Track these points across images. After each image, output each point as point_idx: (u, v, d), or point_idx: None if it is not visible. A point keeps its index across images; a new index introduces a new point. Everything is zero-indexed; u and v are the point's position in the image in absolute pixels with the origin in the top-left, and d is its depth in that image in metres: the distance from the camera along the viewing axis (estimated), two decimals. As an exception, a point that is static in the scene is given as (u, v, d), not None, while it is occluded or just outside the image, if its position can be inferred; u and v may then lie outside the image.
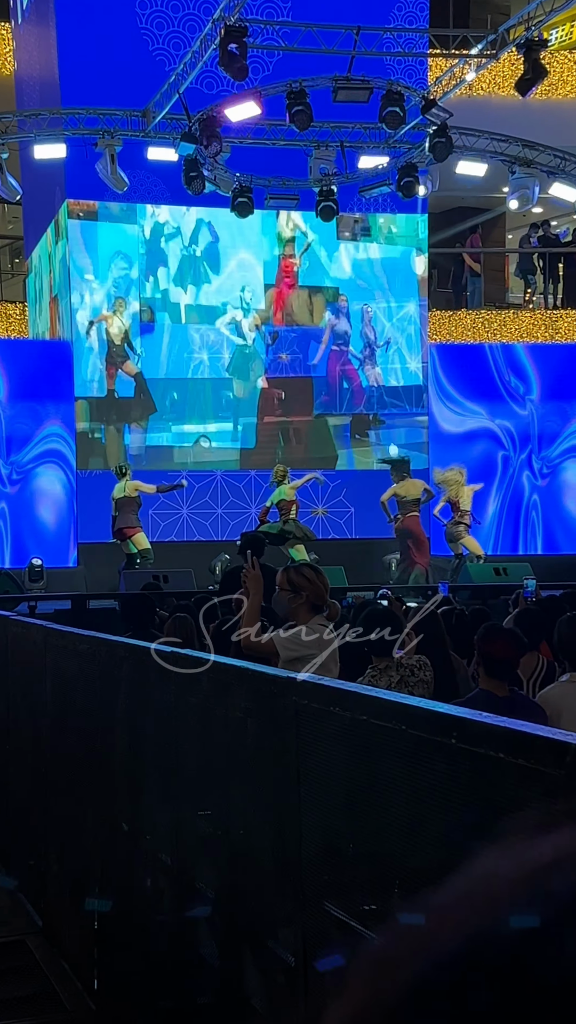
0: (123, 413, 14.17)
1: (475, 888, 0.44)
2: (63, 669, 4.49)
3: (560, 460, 15.49)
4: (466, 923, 0.42)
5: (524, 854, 0.43)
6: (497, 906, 0.42)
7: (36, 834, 4.85)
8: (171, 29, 13.98)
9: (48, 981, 4.08)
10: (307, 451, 14.73)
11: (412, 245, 15.19)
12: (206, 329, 14.38)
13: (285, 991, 2.54)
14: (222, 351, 14.46)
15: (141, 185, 13.76)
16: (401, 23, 14.15)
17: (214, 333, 14.39)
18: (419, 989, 0.41)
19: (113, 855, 3.78)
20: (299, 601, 4.07)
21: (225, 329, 14.48)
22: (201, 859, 3.17)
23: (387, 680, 4.30)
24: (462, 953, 0.41)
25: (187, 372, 14.34)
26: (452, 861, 1.82)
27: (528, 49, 10.80)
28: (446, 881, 0.45)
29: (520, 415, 15.38)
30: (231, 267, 14.58)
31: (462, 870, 0.45)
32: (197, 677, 2.98)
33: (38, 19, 14.94)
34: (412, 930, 0.43)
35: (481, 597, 10.65)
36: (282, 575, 4.17)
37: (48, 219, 14.88)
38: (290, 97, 11.23)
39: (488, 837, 1.55)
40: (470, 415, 15.28)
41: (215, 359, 14.47)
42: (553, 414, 15.39)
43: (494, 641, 3.86)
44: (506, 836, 0.46)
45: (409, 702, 2.04)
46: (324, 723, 2.26)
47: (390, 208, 14.82)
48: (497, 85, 16.47)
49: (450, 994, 0.41)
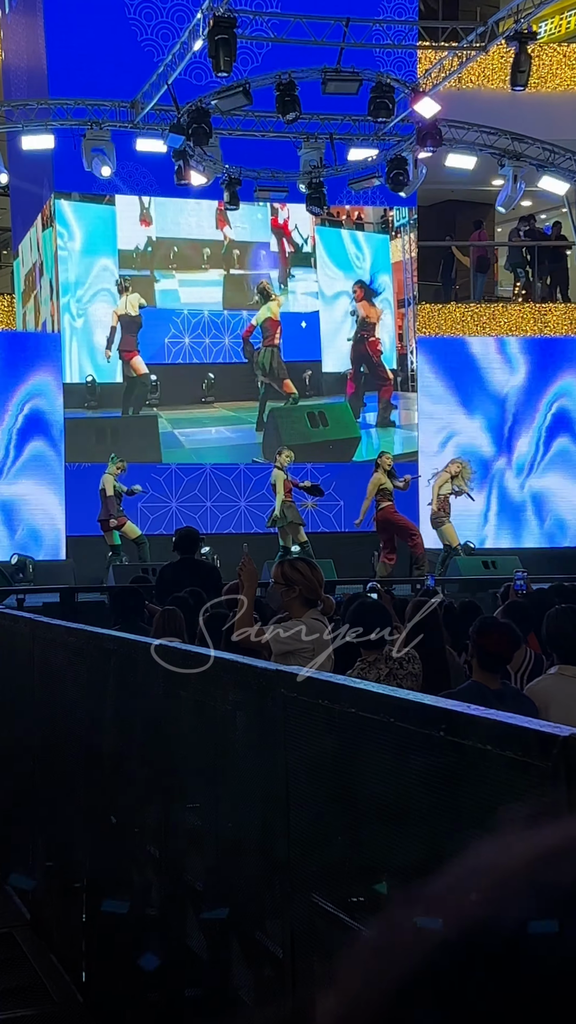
0: (130, 399, 14.11)
1: (467, 879, 0.44)
2: (51, 662, 4.48)
3: (546, 454, 15.54)
4: (458, 914, 0.42)
5: (516, 845, 0.43)
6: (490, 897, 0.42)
7: (24, 827, 4.84)
8: (159, 20, 13.91)
9: (36, 974, 4.08)
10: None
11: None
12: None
13: (273, 983, 2.54)
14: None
15: (130, 176, 13.71)
16: (391, 15, 14.12)
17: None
18: (411, 979, 0.42)
19: (102, 848, 3.78)
20: (292, 595, 4.10)
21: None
22: (190, 852, 3.17)
23: (376, 673, 4.31)
24: (454, 943, 0.41)
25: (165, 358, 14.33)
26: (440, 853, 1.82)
27: (518, 42, 10.79)
28: (436, 872, 0.45)
29: (507, 407, 15.41)
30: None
31: (454, 861, 0.45)
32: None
33: (26, 9, 14.85)
34: (404, 920, 0.43)
35: (470, 590, 10.69)
36: (276, 569, 4.19)
37: (36, 210, 14.81)
38: (279, 89, 11.20)
39: (477, 829, 1.56)
40: (455, 406, 15.31)
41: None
42: (536, 406, 15.44)
43: (489, 634, 3.86)
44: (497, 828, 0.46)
45: (397, 695, 2.05)
46: (313, 716, 2.26)
47: (379, 201, 14.81)
48: (486, 78, 16.45)
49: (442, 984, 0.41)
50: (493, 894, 0.42)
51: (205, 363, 14.36)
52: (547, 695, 4.04)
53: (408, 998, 0.41)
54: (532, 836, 0.43)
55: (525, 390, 15.44)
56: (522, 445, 15.44)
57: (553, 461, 15.53)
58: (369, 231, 15.22)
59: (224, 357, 14.47)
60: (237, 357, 14.52)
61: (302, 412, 14.63)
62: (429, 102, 11.56)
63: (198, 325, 14.38)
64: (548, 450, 15.54)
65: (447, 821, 1.75)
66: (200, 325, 14.38)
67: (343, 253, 15.03)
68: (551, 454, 15.54)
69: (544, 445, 15.54)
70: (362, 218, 15.26)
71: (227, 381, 14.45)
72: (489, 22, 11.49)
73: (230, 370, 14.48)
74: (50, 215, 14.03)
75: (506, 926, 0.40)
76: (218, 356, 14.45)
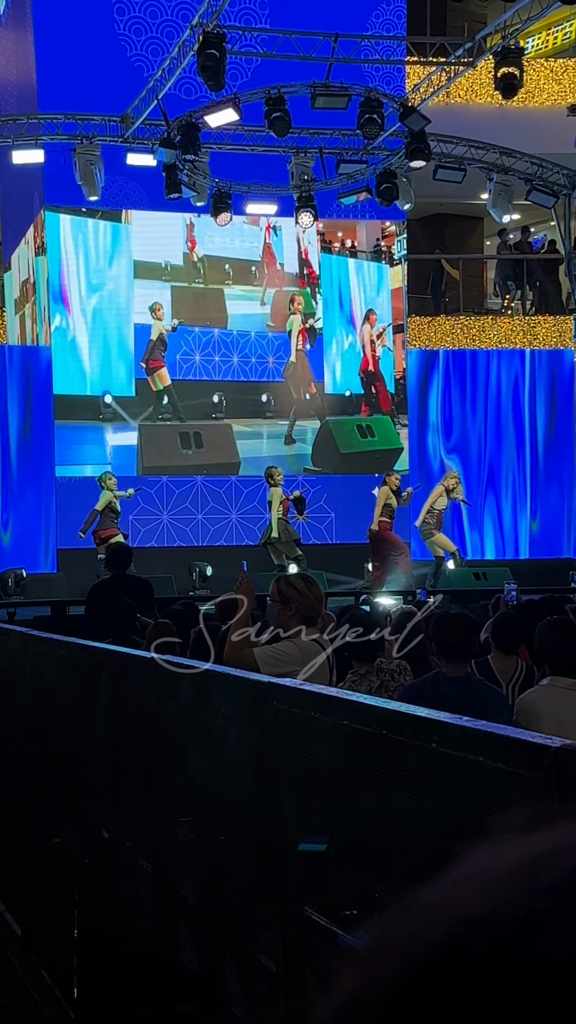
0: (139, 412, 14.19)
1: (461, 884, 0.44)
2: (43, 676, 4.47)
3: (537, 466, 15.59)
4: (452, 918, 0.42)
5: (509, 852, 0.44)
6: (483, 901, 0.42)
7: (15, 841, 4.82)
8: (149, 35, 13.98)
9: (27, 990, 4.06)
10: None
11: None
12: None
13: (266, 997, 2.53)
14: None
15: (120, 191, 13.75)
16: (379, 30, 14.21)
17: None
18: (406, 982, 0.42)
19: (94, 862, 3.76)
20: (288, 613, 3.93)
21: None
22: (182, 866, 3.16)
23: (367, 685, 4.31)
24: (448, 947, 0.42)
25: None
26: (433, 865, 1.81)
27: (504, 57, 10.88)
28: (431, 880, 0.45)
29: (501, 419, 15.46)
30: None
31: (448, 867, 0.45)
32: (178, 683, 2.98)
33: (15, 24, 14.90)
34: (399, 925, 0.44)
35: (461, 601, 10.69)
36: (272, 586, 4.09)
37: (26, 225, 14.83)
38: (269, 103, 11.25)
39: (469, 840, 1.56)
40: (451, 418, 15.36)
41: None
42: (536, 417, 15.50)
43: (444, 628, 3.93)
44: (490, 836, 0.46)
45: (390, 707, 2.05)
46: (305, 728, 2.26)
47: (368, 215, 14.88)
48: (474, 93, 16.56)
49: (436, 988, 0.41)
50: (484, 897, 0.42)
51: (214, 380, 14.49)
52: (539, 706, 4.04)
53: (400, 1002, 0.42)
54: (525, 839, 0.44)
55: (517, 402, 15.49)
56: (513, 457, 15.49)
57: (544, 473, 15.58)
58: (361, 258, 15.39)
59: (233, 375, 14.61)
60: (244, 375, 14.66)
61: (352, 424, 15.10)
62: (417, 117, 11.64)
63: (208, 343, 14.48)
64: (538, 462, 15.59)
65: (440, 833, 1.75)
66: (210, 343, 14.48)
67: (346, 280, 15.20)
68: (542, 466, 15.59)
69: (534, 457, 15.59)
70: (355, 245, 15.39)
71: (236, 398, 14.61)
72: (476, 38, 11.58)
73: (238, 387, 14.62)
74: (42, 228, 14.06)
75: (496, 929, 0.41)
76: (227, 374, 14.57)
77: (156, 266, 14.31)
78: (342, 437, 15.00)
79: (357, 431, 15.10)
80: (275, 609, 3.99)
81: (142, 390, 14.22)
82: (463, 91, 16.40)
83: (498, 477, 15.46)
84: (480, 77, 15.81)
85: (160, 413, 14.33)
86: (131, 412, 14.17)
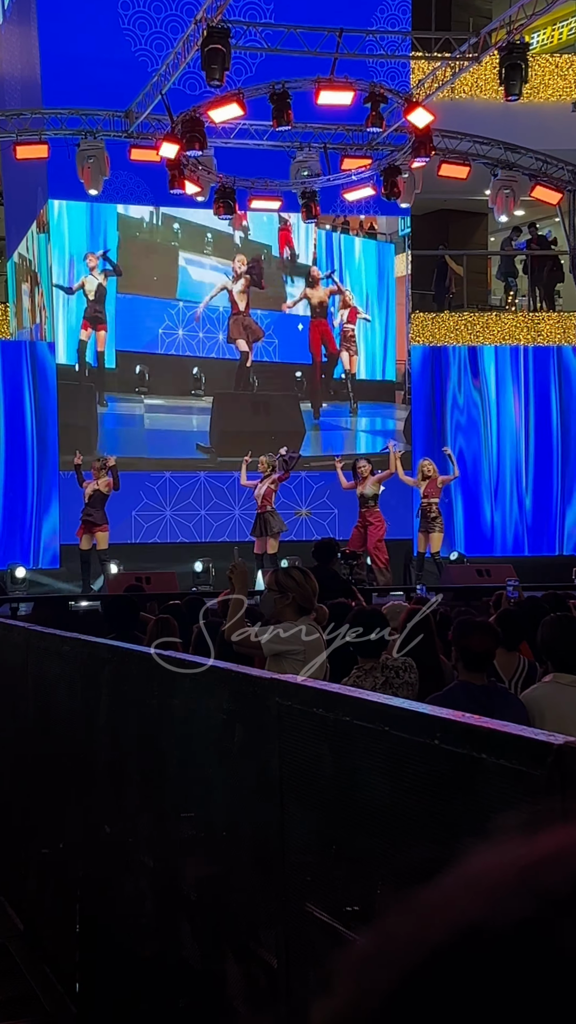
0: (104, 384, 14.12)
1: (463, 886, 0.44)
2: (45, 671, 4.47)
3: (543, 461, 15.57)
4: (454, 921, 0.42)
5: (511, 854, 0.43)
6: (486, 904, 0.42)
7: (17, 836, 4.82)
8: (153, 30, 13.95)
9: (29, 985, 4.06)
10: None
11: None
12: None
13: (267, 993, 2.53)
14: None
15: (124, 186, 13.73)
16: (383, 26, 14.18)
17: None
18: (407, 985, 0.41)
19: (95, 858, 3.76)
20: (285, 602, 4.09)
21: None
22: (184, 861, 3.16)
23: (372, 681, 4.30)
24: (450, 950, 0.41)
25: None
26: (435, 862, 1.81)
27: (509, 52, 10.84)
28: (433, 879, 0.45)
29: (502, 415, 15.44)
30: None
31: (452, 867, 0.45)
32: (179, 679, 2.98)
33: (19, 19, 14.88)
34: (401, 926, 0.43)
35: (463, 598, 10.69)
36: (271, 576, 4.19)
37: (30, 219, 14.82)
38: (273, 99, 11.23)
39: (471, 837, 1.55)
40: (449, 413, 15.34)
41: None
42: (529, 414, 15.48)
43: (470, 635, 3.90)
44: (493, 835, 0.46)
45: (392, 703, 2.04)
46: (307, 724, 2.26)
47: (373, 210, 14.85)
48: (479, 88, 16.52)
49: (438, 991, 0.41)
50: (486, 900, 0.42)
51: (194, 356, 14.42)
52: (542, 703, 4.04)
53: (401, 1005, 0.41)
54: (527, 842, 0.44)
55: (519, 399, 15.47)
56: (514, 453, 15.47)
57: (542, 470, 15.57)
58: (382, 240, 15.37)
59: (219, 352, 14.53)
60: (230, 353, 14.60)
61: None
62: (422, 112, 11.61)
63: (191, 318, 14.44)
64: (539, 459, 15.57)
65: (442, 829, 1.74)
66: (193, 318, 14.45)
67: (351, 261, 15.15)
68: (538, 463, 15.57)
69: (535, 453, 15.57)
70: (375, 227, 15.37)
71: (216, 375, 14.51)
72: (482, 33, 11.55)
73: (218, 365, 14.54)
74: (46, 220, 14.05)
75: (499, 933, 0.41)
76: (211, 351, 14.51)
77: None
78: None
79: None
80: (271, 598, 4.08)
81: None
82: (468, 86, 16.35)
83: (500, 473, 15.44)
84: (485, 72, 15.77)
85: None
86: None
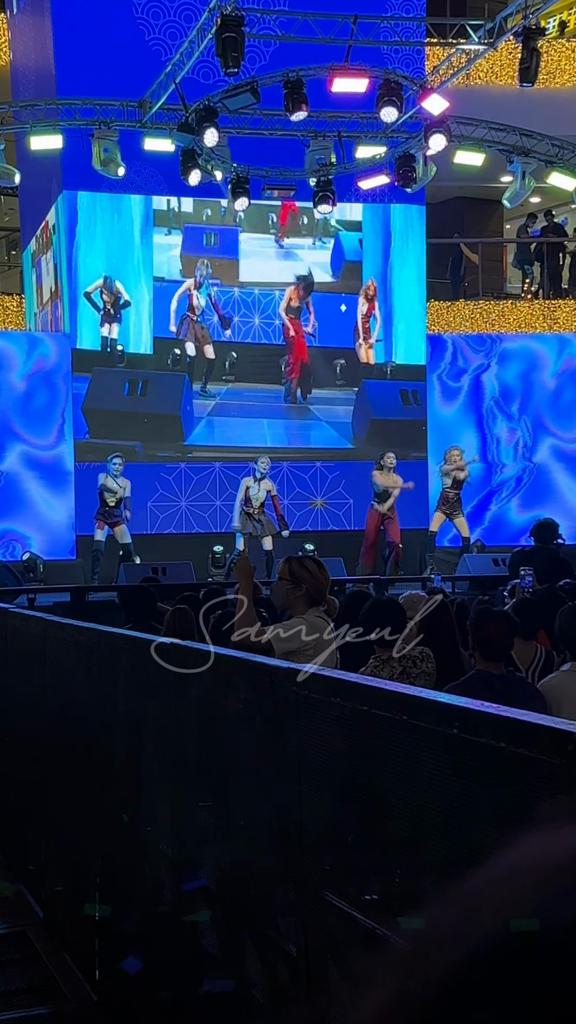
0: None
1: (509, 877, 0.42)
2: (63, 661, 4.49)
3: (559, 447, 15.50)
4: (501, 913, 0.40)
5: (559, 844, 0.42)
6: (534, 896, 0.40)
7: (37, 826, 4.85)
8: (167, 19, 13.91)
9: (49, 972, 4.09)
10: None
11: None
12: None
13: (287, 981, 2.54)
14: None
15: (138, 176, 13.71)
16: (398, 12, 14.08)
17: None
18: (454, 981, 0.40)
19: (114, 846, 3.78)
20: (298, 593, 4.04)
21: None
22: (202, 850, 3.17)
23: (389, 671, 4.30)
24: (498, 944, 0.39)
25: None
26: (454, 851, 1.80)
27: (526, 38, 10.75)
28: (474, 870, 0.43)
29: (516, 405, 15.38)
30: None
31: (492, 859, 0.43)
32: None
33: (33, 9, 14.86)
34: (443, 919, 0.42)
35: (479, 588, 10.67)
36: (284, 565, 4.15)
37: (45, 210, 14.83)
38: (287, 87, 11.18)
39: (490, 827, 1.55)
40: (464, 404, 15.29)
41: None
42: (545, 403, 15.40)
43: (487, 624, 3.90)
44: (537, 824, 0.44)
45: (410, 692, 2.04)
46: (325, 714, 2.26)
47: (387, 198, 14.77)
48: (495, 74, 16.40)
49: (487, 988, 0.39)
50: (535, 892, 0.40)
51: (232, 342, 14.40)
52: (560, 691, 4.03)
53: (448, 1003, 0.39)
54: (571, 832, 0.41)
55: (534, 387, 15.39)
56: (529, 442, 15.41)
57: (559, 459, 15.50)
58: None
59: (255, 337, 14.51)
60: (266, 337, 14.56)
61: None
62: (437, 99, 11.54)
63: (228, 303, 14.42)
64: (554, 448, 15.50)
65: (460, 818, 1.74)
66: (230, 303, 14.43)
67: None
68: (555, 451, 15.50)
69: (549, 443, 15.50)
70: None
71: (248, 361, 14.49)
72: (497, 18, 11.45)
73: (255, 350, 14.51)
74: (60, 213, 14.05)
75: (552, 925, 0.39)
76: (247, 336, 14.49)
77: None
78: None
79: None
80: (284, 587, 4.04)
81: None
82: (483, 72, 16.24)
83: (514, 461, 15.38)
84: (501, 58, 15.66)
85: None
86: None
